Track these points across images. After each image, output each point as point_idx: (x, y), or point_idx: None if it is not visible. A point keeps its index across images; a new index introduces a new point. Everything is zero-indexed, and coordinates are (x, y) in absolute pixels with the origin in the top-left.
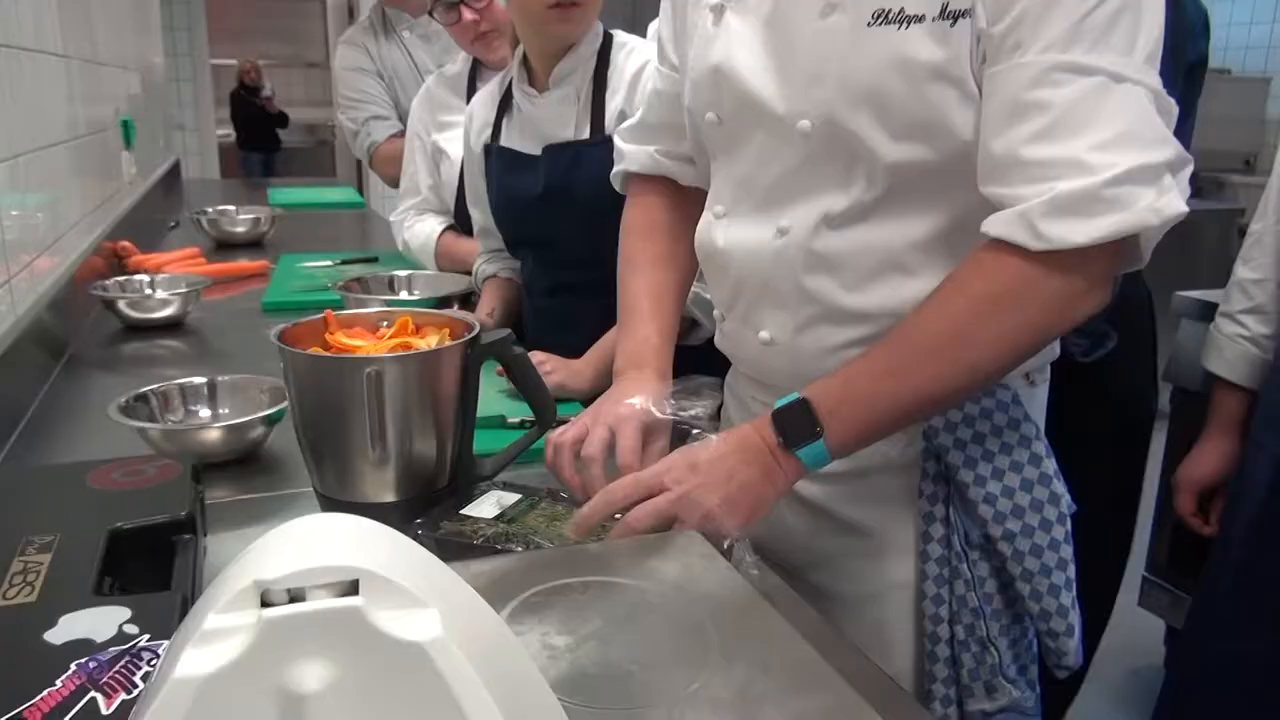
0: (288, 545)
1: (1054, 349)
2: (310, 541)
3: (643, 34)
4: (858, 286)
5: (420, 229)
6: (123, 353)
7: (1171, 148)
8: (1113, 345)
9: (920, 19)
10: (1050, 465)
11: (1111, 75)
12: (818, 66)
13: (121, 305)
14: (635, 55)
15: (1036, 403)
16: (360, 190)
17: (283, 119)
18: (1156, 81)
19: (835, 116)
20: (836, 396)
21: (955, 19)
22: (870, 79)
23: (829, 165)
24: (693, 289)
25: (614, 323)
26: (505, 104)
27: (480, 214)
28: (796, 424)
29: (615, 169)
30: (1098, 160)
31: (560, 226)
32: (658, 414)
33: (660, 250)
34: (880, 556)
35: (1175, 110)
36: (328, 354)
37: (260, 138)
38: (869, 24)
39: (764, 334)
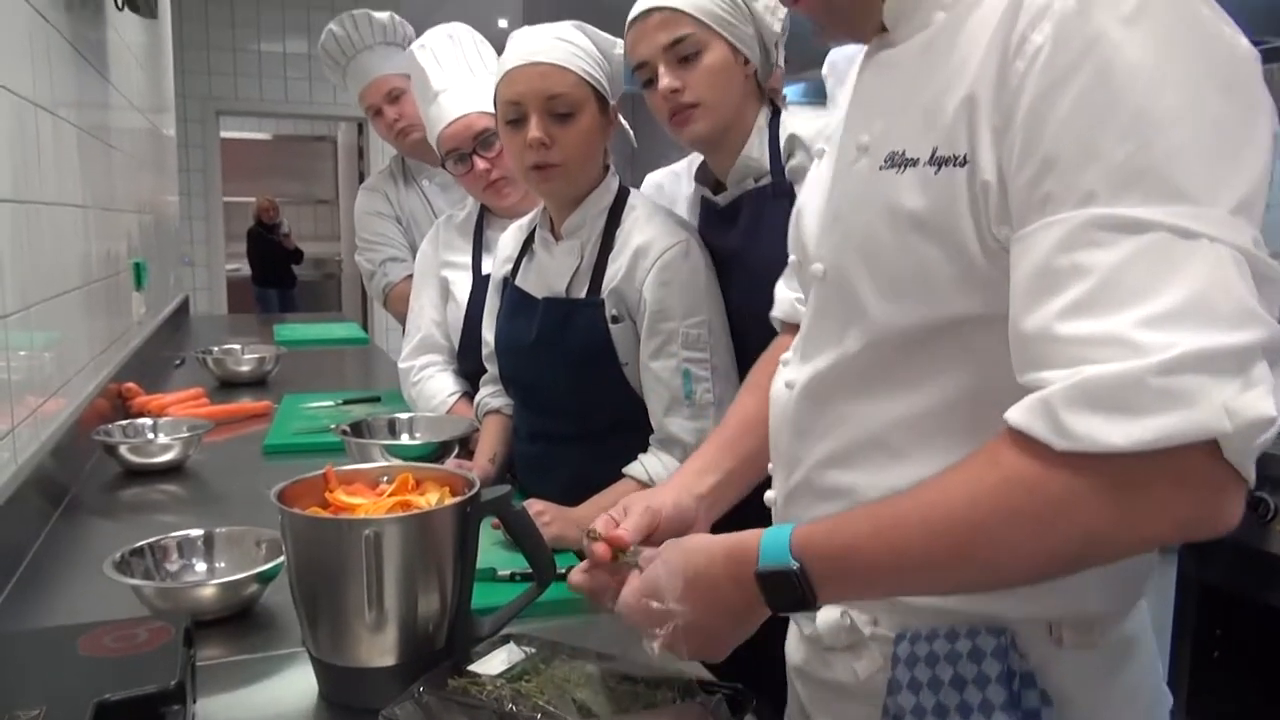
0: None
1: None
2: None
3: (639, 177)
4: (842, 462)
5: (431, 389)
6: (122, 498)
7: (1263, 327)
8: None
9: (915, 163)
10: None
11: (1176, 231)
12: (837, 211)
13: (123, 450)
14: (639, 226)
15: (1059, 668)
16: (365, 326)
17: (298, 255)
18: (1249, 238)
19: (840, 263)
20: (834, 566)
21: (940, 166)
22: (866, 226)
23: (832, 317)
24: None
25: (588, 472)
26: (528, 244)
27: (492, 338)
28: (787, 594)
29: (771, 312)
30: (1148, 339)
31: (546, 376)
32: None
33: (757, 379)
34: None
35: None
36: (326, 515)
37: (276, 274)
38: (880, 168)
39: (769, 494)
